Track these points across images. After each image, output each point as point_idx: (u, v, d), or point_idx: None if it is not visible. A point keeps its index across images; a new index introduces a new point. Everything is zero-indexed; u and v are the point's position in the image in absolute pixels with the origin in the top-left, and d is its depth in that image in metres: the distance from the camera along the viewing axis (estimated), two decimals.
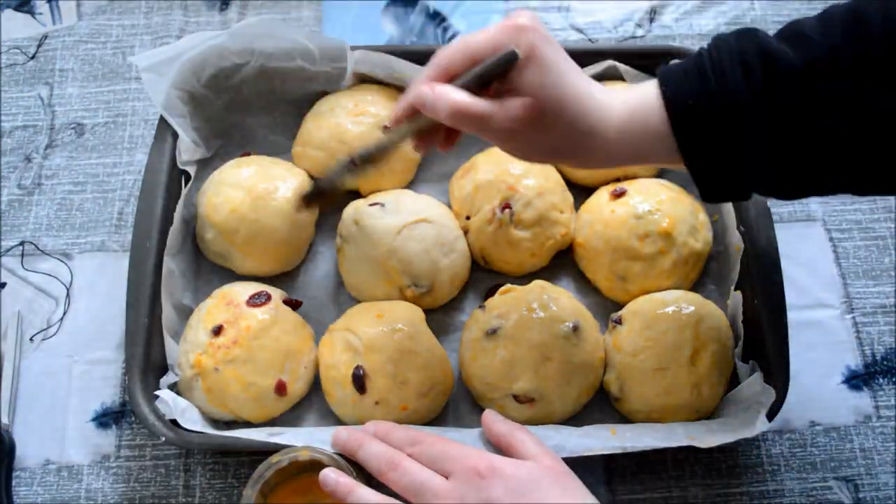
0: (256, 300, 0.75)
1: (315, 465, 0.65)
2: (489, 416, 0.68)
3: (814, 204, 0.87)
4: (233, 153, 0.86)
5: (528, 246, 0.79)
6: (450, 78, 0.58)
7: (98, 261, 0.85)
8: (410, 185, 0.86)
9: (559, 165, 0.83)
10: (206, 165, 0.85)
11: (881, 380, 0.79)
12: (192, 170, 0.83)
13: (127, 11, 0.99)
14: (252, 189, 0.79)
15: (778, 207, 0.86)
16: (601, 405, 0.75)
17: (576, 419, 0.74)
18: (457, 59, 0.58)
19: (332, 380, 0.73)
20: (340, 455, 0.65)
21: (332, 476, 0.62)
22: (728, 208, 0.78)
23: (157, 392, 0.71)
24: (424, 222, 0.77)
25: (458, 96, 0.56)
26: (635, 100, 0.59)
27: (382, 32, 0.98)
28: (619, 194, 0.80)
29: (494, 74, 0.57)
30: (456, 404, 0.76)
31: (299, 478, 0.67)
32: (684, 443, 0.67)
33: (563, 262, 0.82)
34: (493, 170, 0.80)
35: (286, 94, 0.87)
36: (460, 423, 0.75)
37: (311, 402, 0.76)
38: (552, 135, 0.58)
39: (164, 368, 0.75)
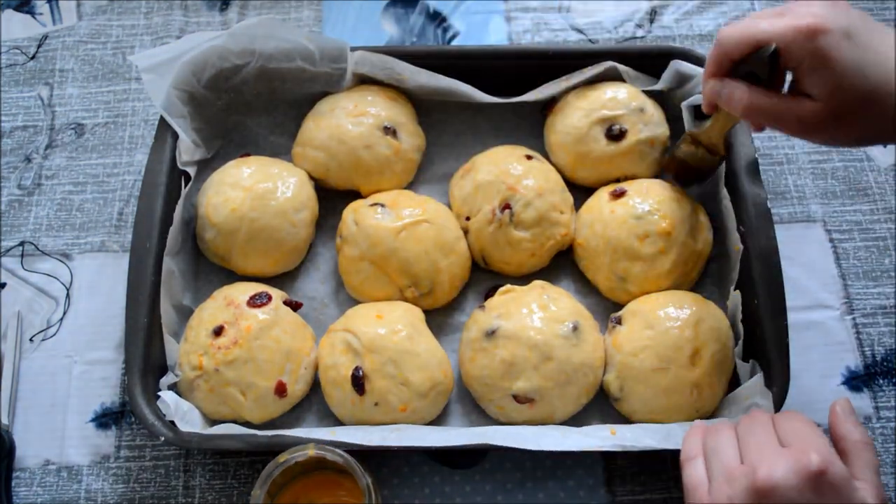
0: (257, 301, 0.75)
1: (322, 464, 0.65)
2: (844, 407, 0.61)
3: (814, 205, 0.87)
4: (233, 154, 0.86)
5: (528, 246, 0.79)
6: (731, 63, 0.62)
7: (98, 261, 0.85)
8: (410, 186, 0.86)
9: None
10: (206, 166, 0.85)
11: (881, 381, 0.79)
12: (192, 170, 0.83)
13: (127, 11, 0.99)
14: (252, 189, 0.79)
15: (778, 208, 0.86)
16: (601, 405, 0.75)
17: (576, 419, 0.74)
18: (740, 46, 0.60)
19: (332, 381, 0.73)
20: (349, 454, 0.64)
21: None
22: (728, 209, 0.78)
23: (159, 393, 0.71)
24: (424, 223, 0.77)
25: (744, 95, 0.60)
26: None
27: (382, 33, 0.98)
28: (618, 194, 0.80)
29: (757, 70, 0.60)
30: (456, 405, 0.76)
31: (306, 477, 0.67)
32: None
33: (563, 263, 0.82)
34: (493, 170, 0.80)
35: (286, 95, 0.87)
36: (460, 424, 0.75)
37: (310, 403, 0.76)
38: (854, 129, 0.58)
39: (163, 369, 0.75)
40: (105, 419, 0.78)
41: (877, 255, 0.84)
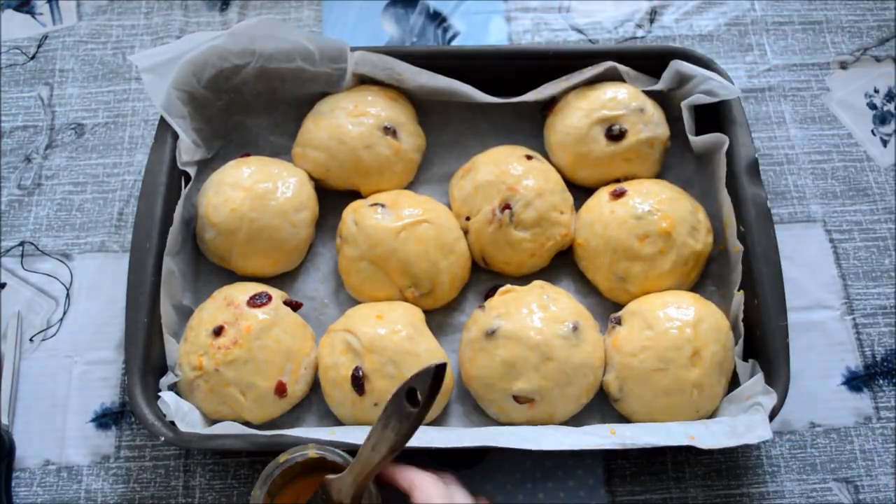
0: (257, 301, 0.75)
1: (322, 465, 0.65)
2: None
3: (814, 205, 0.87)
4: (233, 154, 0.86)
5: (528, 246, 0.79)
6: None
7: (98, 261, 0.85)
8: (410, 186, 0.86)
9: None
10: (206, 166, 0.85)
11: (881, 381, 0.79)
12: (192, 170, 0.83)
13: (127, 11, 0.99)
14: (252, 189, 0.79)
15: (778, 208, 0.86)
16: (601, 406, 0.75)
17: (576, 420, 0.74)
18: None
19: (332, 381, 0.73)
20: (350, 454, 0.64)
21: None
22: (728, 209, 0.78)
23: (159, 394, 0.71)
24: (424, 223, 0.77)
25: None
26: None
27: (382, 33, 0.98)
28: (618, 195, 0.80)
29: None
30: (456, 405, 0.76)
31: (306, 478, 0.67)
32: (684, 442, 0.67)
33: (563, 263, 0.82)
34: (493, 170, 0.80)
35: (286, 95, 0.87)
36: (461, 425, 0.75)
37: (310, 403, 0.76)
38: None
39: (163, 369, 0.75)
40: (105, 419, 0.78)
41: (877, 255, 0.84)
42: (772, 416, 0.68)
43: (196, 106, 0.84)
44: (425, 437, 0.68)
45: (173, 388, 0.74)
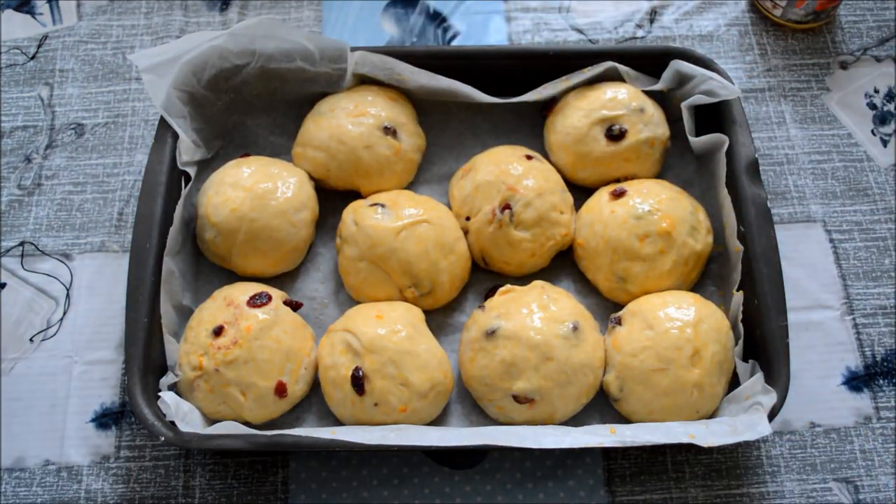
0: (257, 301, 0.75)
1: None
2: None
3: (814, 205, 0.87)
4: (233, 154, 0.86)
5: (528, 246, 0.79)
6: None
7: (98, 261, 0.85)
8: (410, 186, 0.86)
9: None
10: (206, 166, 0.85)
11: (881, 381, 0.79)
12: (192, 170, 0.83)
13: (127, 12, 0.99)
14: (252, 189, 0.79)
15: (778, 208, 0.86)
16: (601, 406, 0.75)
17: (576, 420, 0.74)
18: None
19: (332, 381, 0.73)
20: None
21: None
22: (728, 209, 0.78)
23: (159, 394, 0.71)
24: (424, 223, 0.77)
25: None
26: None
27: (382, 33, 0.98)
28: (618, 194, 0.80)
29: None
30: (456, 405, 0.76)
31: None
32: (684, 440, 0.66)
33: (563, 263, 0.82)
34: (493, 170, 0.80)
35: (286, 95, 0.87)
36: (461, 425, 0.75)
37: (310, 403, 0.76)
38: None
39: (163, 369, 0.75)
40: (105, 419, 0.78)
41: (877, 255, 0.84)
42: (772, 416, 0.68)
43: (196, 106, 0.84)
44: (425, 437, 0.68)
45: (173, 388, 0.74)
